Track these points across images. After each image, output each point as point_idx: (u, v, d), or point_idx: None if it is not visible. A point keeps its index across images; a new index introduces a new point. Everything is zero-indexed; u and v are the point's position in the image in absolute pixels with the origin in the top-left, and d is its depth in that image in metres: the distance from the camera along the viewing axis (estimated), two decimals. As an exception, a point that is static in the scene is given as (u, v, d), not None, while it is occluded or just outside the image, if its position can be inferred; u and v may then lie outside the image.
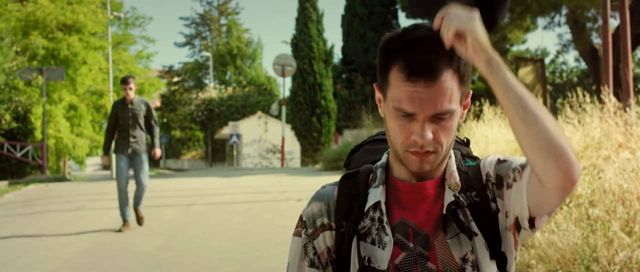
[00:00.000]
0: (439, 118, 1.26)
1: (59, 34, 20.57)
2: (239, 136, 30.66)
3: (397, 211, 1.36)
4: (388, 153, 1.43)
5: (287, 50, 38.02)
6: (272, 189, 12.25)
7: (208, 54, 48.18)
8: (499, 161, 1.36)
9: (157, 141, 8.36)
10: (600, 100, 8.33)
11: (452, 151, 1.39)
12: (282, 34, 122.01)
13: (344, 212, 1.39)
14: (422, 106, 1.24)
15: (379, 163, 1.43)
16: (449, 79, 1.25)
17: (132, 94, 8.10)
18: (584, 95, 8.34)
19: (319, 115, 28.02)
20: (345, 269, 1.37)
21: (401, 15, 30.30)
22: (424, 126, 1.25)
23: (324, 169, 19.42)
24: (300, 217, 1.45)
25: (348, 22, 29.12)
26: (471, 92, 1.34)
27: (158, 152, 8.37)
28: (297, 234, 1.44)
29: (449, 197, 1.34)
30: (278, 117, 34.27)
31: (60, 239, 7.69)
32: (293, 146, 31.00)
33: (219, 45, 49.67)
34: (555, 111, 16.23)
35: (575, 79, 28.36)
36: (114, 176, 8.30)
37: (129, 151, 8.06)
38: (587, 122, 7.51)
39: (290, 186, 12.74)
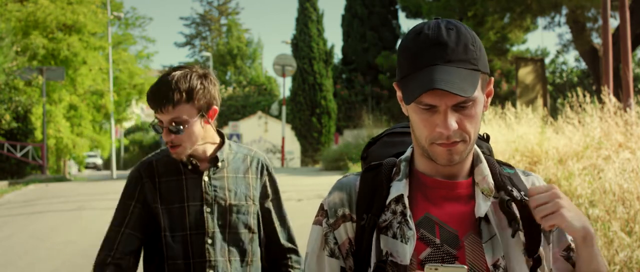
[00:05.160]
0: (461, 107, 1.23)
1: (59, 34, 20.58)
2: (239, 136, 30.66)
3: (422, 205, 1.33)
4: (412, 147, 1.40)
5: (287, 50, 38.07)
6: (272, 189, 12.22)
7: (208, 54, 48.18)
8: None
9: None
10: (600, 101, 8.34)
11: (485, 157, 1.38)
12: (282, 34, 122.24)
13: (366, 204, 1.36)
14: (442, 97, 1.22)
15: (403, 157, 1.40)
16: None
17: (171, 139, 2.07)
18: (584, 95, 8.34)
19: (319, 115, 28.02)
20: (365, 262, 1.34)
21: (401, 15, 30.34)
22: (447, 116, 1.22)
23: (324, 169, 19.42)
24: (321, 206, 1.41)
25: (348, 22, 29.13)
26: (492, 79, 1.32)
27: None
28: (317, 222, 1.40)
29: (483, 202, 1.31)
30: (278, 117, 34.30)
31: (60, 239, 7.69)
32: (293, 146, 31.02)
33: (219, 45, 49.71)
34: (555, 111, 16.24)
35: (575, 79, 28.36)
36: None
37: None
38: (587, 122, 7.51)
39: (290, 186, 12.73)
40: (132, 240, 2.12)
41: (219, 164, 2.16)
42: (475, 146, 1.37)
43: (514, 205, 1.32)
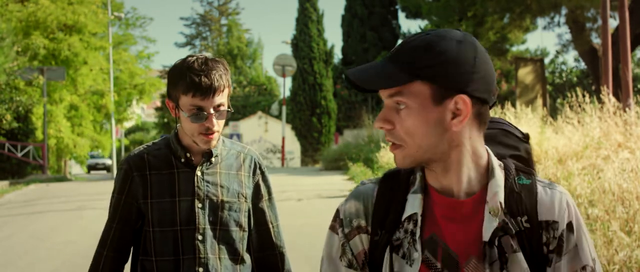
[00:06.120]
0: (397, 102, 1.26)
1: (60, 34, 20.60)
2: (239, 136, 30.68)
3: (430, 224, 1.29)
4: None
5: (287, 50, 38.08)
6: (272, 189, 12.24)
7: (208, 54, 48.23)
8: (571, 229, 1.27)
9: None
10: (600, 101, 8.35)
11: (504, 166, 1.30)
12: (282, 34, 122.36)
13: (380, 219, 1.33)
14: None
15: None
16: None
17: (215, 125, 1.99)
18: (583, 96, 8.35)
19: (319, 115, 28.03)
20: None
21: (401, 16, 30.35)
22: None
23: (324, 168, 19.43)
24: (337, 212, 1.39)
25: (348, 23, 29.15)
26: (469, 100, 1.20)
27: None
28: (333, 228, 1.38)
29: (489, 224, 1.24)
30: (278, 117, 34.31)
31: (60, 239, 7.70)
32: (293, 146, 31.02)
33: (220, 45, 49.70)
34: (555, 111, 16.25)
35: (575, 79, 28.35)
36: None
37: None
38: (587, 122, 7.52)
39: (290, 186, 12.74)
40: (125, 235, 2.09)
41: (213, 159, 2.08)
42: (492, 157, 1.29)
43: (515, 240, 1.24)
